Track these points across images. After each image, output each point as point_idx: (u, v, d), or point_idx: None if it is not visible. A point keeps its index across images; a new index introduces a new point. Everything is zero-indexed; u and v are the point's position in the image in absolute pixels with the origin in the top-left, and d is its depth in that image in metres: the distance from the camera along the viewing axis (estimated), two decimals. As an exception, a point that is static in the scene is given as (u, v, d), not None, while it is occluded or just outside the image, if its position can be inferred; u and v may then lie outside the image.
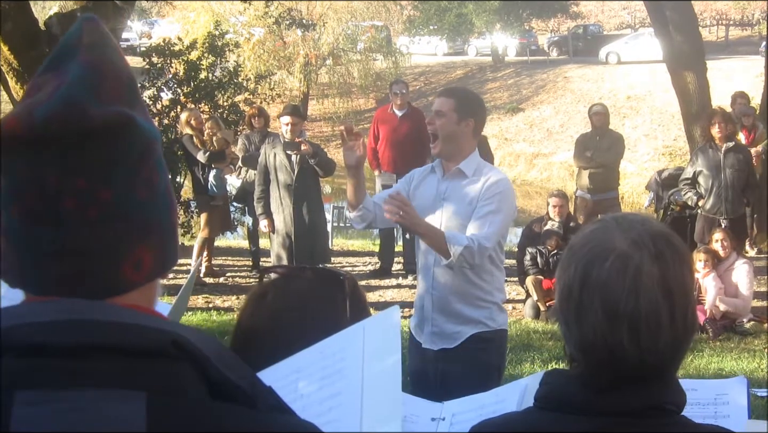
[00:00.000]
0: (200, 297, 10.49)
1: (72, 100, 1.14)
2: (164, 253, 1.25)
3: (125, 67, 1.25)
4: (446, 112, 4.64)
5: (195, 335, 1.17)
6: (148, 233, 1.22)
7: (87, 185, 1.16)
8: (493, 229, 4.51)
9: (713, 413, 2.45)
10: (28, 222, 1.16)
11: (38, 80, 1.20)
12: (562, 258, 1.75)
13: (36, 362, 1.09)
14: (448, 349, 4.68)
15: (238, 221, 13.75)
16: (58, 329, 1.11)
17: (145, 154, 1.22)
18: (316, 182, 9.72)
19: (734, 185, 10.13)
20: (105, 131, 1.16)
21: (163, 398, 1.10)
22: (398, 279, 11.57)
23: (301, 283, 1.98)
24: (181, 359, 1.14)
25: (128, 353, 1.11)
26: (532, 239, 10.49)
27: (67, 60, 1.20)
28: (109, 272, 1.19)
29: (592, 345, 1.65)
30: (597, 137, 11.76)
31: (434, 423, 2.51)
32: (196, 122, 11.16)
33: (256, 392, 1.19)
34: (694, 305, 1.71)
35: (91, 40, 1.21)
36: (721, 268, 9.58)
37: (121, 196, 1.18)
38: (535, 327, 9.53)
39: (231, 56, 17.14)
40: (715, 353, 8.51)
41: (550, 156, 29.63)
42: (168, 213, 1.27)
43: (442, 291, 4.68)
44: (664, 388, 1.68)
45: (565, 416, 1.68)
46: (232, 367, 1.18)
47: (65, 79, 1.16)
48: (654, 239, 1.66)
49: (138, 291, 1.23)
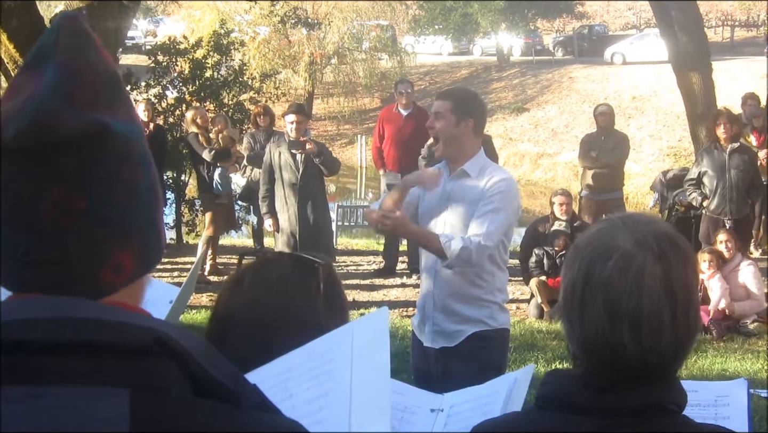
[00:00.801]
0: (204, 295, 10.48)
1: (43, 112, 1.13)
2: (146, 253, 1.25)
3: (105, 65, 1.23)
4: (444, 114, 4.64)
5: (179, 333, 1.17)
6: (128, 235, 1.21)
7: (62, 195, 1.15)
8: (494, 227, 4.50)
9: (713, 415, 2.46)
10: (7, 228, 1.16)
11: (18, 79, 1.20)
12: (567, 256, 1.76)
13: (19, 359, 1.08)
14: (449, 347, 4.69)
15: (243, 219, 13.78)
16: (41, 326, 1.10)
17: (123, 158, 1.21)
18: (321, 181, 9.73)
19: (739, 186, 10.12)
20: (78, 141, 1.15)
21: (146, 396, 1.09)
22: (402, 278, 11.57)
23: (278, 269, 1.98)
24: (164, 357, 1.13)
25: (112, 351, 1.10)
26: (537, 239, 10.48)
27: (44, 61, 1.19)
28: (89, 278, 1.19)
29: (594, 343, 1.65)
30: (602, 137, 11.73)
31: (433, 414, 2.53)
32: (201, 121, 11.18)
33: (241, 391, 1.18)
34: (697, 305, 1.71)
35: (68, 41, 1.20)
36: (726, 269, 9.57)
37: (98, 203, 1.18)
38: (539, 327, 9.52)
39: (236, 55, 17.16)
40: (719, 353, 8.50)
41: (555, 156, 29.63)
42: (151, 211, 1.26)
43: (443, 291, 4.69)
44: (666, 388, 1.69)
45: (566, 416, 1.68)
46: (217, 365, 1.18)
47: (39, 85, 1.16)
48: (658, 240, 1.67)
49: (122, 291, 1.22)
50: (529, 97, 35.67)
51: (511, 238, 4.86)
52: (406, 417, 2.54)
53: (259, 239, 11.94)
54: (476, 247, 4.44)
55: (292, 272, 1.95)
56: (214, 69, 14.72)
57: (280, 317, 1.84)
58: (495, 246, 4.54)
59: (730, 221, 10.14)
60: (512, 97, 36.03)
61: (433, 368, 4.73)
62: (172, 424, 1.10)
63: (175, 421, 1.10)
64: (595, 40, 45.18)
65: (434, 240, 4.50)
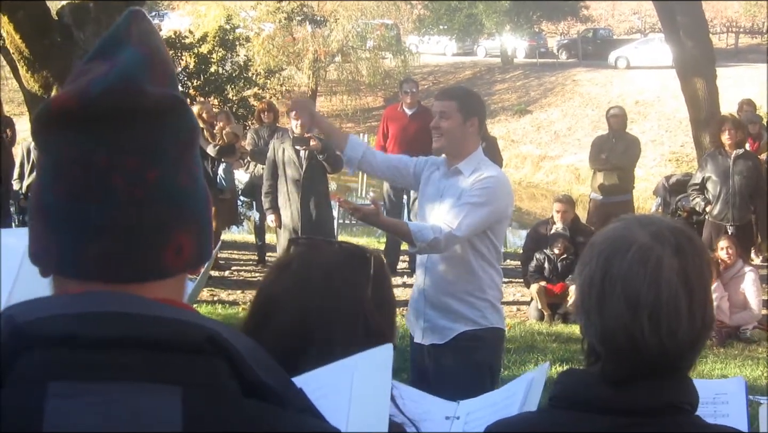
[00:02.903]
0: (205, 290, 10.49)
1: (130, 78, 1.15)
2: (203, 240, 1.25)
3: (170, 58, 1.27)
4: (451, 113, 4.66)
5: (230, 332, 1.17)
6: (189, 220, 1.22)
7: (136, 165, 1.16)
8: (468, 220, 4.51)
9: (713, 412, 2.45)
10: (74, 199, 1.16)
11: (84, 67, 1.20)
12: (582, 255, 1.78)
13: (68, 354, 1.07)
14: (439, 344, 4.71)
15: (244, 215, 13.78)
16: (90, 321, 1.10)
17: (189, 142, 1.23)
18: (324, 178, 9.73)
19: (742, 192, 10.11)
20: (157, 112, 1.17)
21: (198, 393, 1.09)
22: (404, 277, 11.56)
23: (327, 256, 1.97)
24: (216, 355, 1.13)
25: (163, 348, 1.10)
26: (538, 242, 10.46)
27: (116, 48, 1.20)
28: (152, 254, 1.18)
29: (614, 335, 1.67)
30: (613, 139, 11.63)
31: (448, 422, 2.52)
32: (207, 116, 11.17)
33: (287, 393, 1.19)
34: (711, 300, 1.74)
35: (140, 28, 1.23)
36: (727, 276, 9.57)
37: (167, 179, 1.19)
38: (540, 329, 9.53)
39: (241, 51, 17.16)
40: (719, 359, 8.51)
41: (557, 159, 29.60)
42: (206, 205, 1.27)
43: (435, 287, 4.72)
44: (680, 386, 1.70)
45: (580, 415, 1.69)
46: (265, 366, 1.18)
47: (118, 62, 1.17)
48: (675, 234, 1.70)
49: (173, 281, 1.22)
50: (532, 99, 35.65)
51: (501, 237, 4.88)
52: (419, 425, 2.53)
53: (260, 235, 11.93)
54: (445, 237, 4.49)
55: (341, 260, 1.94)
56: (218, 64, 14.73)
57: (325, 304, 1.83)
58: (465, 237, 4.55)
59: (732, 227, 10.13)
60: (515, 99, 36.00)
61: (428, 364, 4.75)
62: (223, 422, 1.10)
63: (226, 419, 1.10)
64: (600, 44, 45.16)
65: (405, 231, 4.58)
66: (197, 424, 1.08)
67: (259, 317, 1.88)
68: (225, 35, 15.18)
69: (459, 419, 2.52)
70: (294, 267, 1.93)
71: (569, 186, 25.64)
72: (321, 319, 1.80)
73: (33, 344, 1.08)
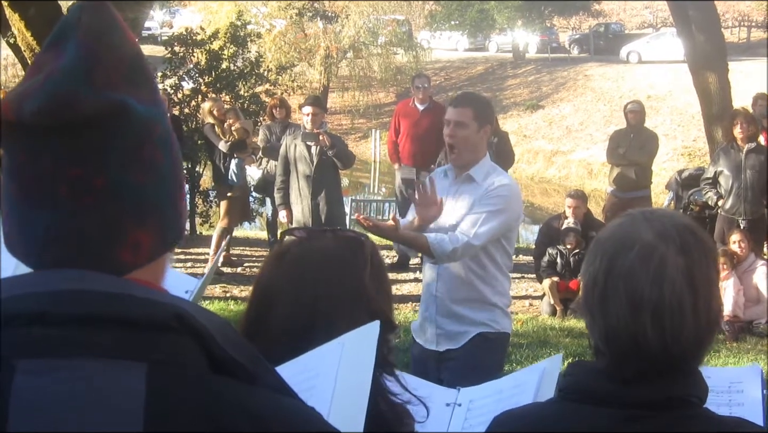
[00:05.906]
0: (218, 286, 10.52)
1: (62, 91, 1.14)
2: (166, 232, 1.25)
3: (129, 46, 1.23)
4: (468, 122, 4.68)
5: (198, 311, 1.18)
6: (146, 216, 1.21)
7: (81, 174, 1.16)
8: (485, 229, 4.55)
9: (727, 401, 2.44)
10: (27, 204, 1.17)
11: (40, 58, 1.20)
12: (588, 252, 1.77)
13: (38, 332, 1.09)
14: (453, 349, 4.76)
15: (257, 211, 13.79)
16: (60, 299, 1.11)
17: (143, 138, 1.21)
18: (336, 174, 9.75)
19: (754, 186, 10.07)
20: (97, 120, 1.16)
21: (163, 370, 1.10)
22: (415, 273, 11.54)
23: (322, 243, 1.98)
24: (183, 333, 1.14)
25: (131, 325, 1.11)
26: (551, 237, 10.44)
27: (65, 38, 1.19)
28: (106, 256, 1.19)
29: (616, 334, 1.66)
30: (631, 134, 11.59)
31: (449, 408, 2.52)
32: (218, 112, 11.19)
33: (258, 371, 1.19)
34: (717, 298, 1.72)
35: (91, 20, 1.20)
36: (740, 269, 9.56)
37: (116, 182, 1.18)
38: (552, 324, 9.52)
39: (252, 47, 17.15)
40: (732, 353, 8.50)
41: (569, 154, 29.54)
42: (172, 191, 1.26)
43: (448, 293, 4.75)
44: (688, 380, 1.69)
45: (588, 407, 1.69)
46: (235, 344, 1.18)
47: (59, 64, 1.16)
48: (680, 232, 1.68)
49: (144, 269, 1.23)
50: (544, 94, 35.56)
51: (513, 244, 4.93)
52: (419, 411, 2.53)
53: (272, 231, 11.94)
54: (462, 246, 4.51)
55: (338, 246, 1.95)
56: (230, 60, 14.71)
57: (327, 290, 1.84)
58: (481, 246, 4.59)
59: (745, 221, 10.10)
60: (527, 94, 35.93)
61: (432, 370, 4.75)
62: (188, 399, 1.11)
63: (191, 396, 1.11)
64: (611, 39, 45.00)
65: (424, 246, 4.59)
66: (161, 400, 1.08)
67: (261, 308, 1.89)
68: (236, 32, 15.15)
69: (461, 406, 2.52)
70: (291, 256, 1.94)
71: (581, 181, 25.59)
72: (324, 304, 1.81)
73: (4, 322, 1.09)
